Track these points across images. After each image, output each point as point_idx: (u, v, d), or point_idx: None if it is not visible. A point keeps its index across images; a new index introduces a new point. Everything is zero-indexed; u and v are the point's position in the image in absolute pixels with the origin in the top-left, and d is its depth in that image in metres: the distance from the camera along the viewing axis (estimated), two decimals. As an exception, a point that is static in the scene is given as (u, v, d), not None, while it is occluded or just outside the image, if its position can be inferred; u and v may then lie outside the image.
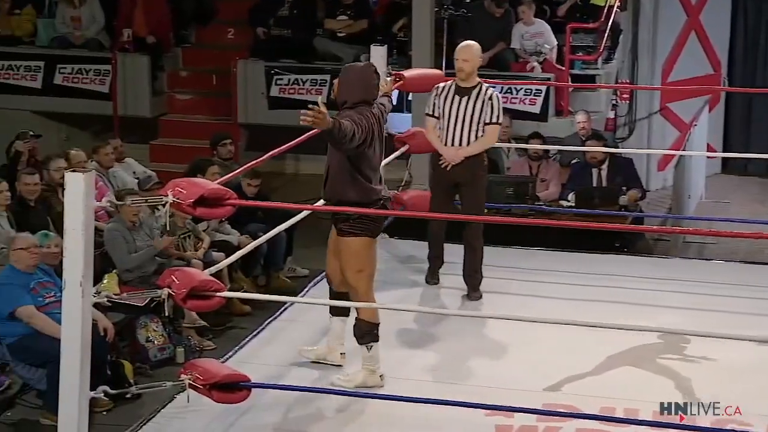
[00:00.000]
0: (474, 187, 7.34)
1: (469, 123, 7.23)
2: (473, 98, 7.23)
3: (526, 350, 6.38)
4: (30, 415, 7.59)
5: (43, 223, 8.79)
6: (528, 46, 11.98)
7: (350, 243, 5.83)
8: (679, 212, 10.77)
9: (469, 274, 7.37)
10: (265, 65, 12.50)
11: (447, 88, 7.33)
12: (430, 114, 7.40)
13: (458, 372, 6.13)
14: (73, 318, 4.83)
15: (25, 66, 12.87)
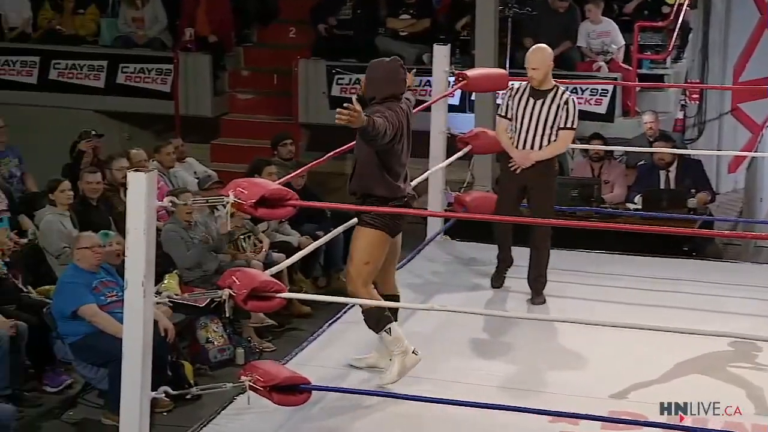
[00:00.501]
0: (543, 191, 7.26)
1: (543, 127, 7.13)
2: (548, 102, 7.11)
3: (590, 356, 6.33)
4: (92, 414, 7.70)
5: (105, 222, 8.92)
6: (594, 45, 11.92)
7: (366, 234, 5.83)
8: (751, 216, 10.65)
9: (534, 278, 7.31)
10: (326, 64, 12.56)
11: (521, 89, 7.21)
12: (503, 115, 7.31)
13: (520, 377, 6.11)
14: (135, 318, 4.89)
15: (88, 65, 13.05)
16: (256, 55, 13.58)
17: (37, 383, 8.07)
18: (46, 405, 7.90)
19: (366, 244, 5.83)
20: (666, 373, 6.12)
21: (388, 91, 5.87)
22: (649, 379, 6.04)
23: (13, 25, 13.32)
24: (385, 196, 5.82)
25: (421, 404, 5.48)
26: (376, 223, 5.80)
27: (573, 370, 6.21)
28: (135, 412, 4.89)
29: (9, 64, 13.18)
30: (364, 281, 5.86)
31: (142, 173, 4.89)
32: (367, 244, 5.83)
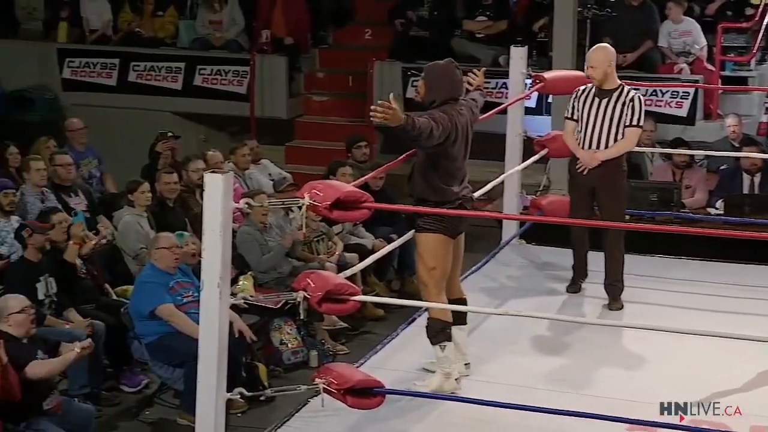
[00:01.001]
0: (612, 192, 7.25)
1: (608, 126, 7.16)
2: (614, 100, 7.15)
3: (667, 363, 6.27)
4: (167, 414, 7.79)
5: (181, 223, 9.03)
6: (675, 45, 11.80)
7: (424, 239, 5.85)
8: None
9: (610, 283, 7.28)
10: (401, 66, 12.57)
11: (587, 90, 7.27)
12: (569, 117, 7.35)
13: (594, 383, 6.08)
14: (211, 319, 4.95)
15: (166, 67, 13.21)
16: (331, 57, 13.65)
17: (115, 383, 8.17)
18: (123, 404, 8.00)
19: (429, 249, 5.85)
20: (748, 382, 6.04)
21: (446, 94, 5.87)
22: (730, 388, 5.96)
23: (93, 28, 13.51)
24: (437, 200, 5.83)
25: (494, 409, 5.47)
26: (434, 227, 5.81)
27: (648, 376, 6.17)
28: (210, 413, 4.95)
29: (89, 66, 13.38)
30: (436, 287, 5.89)
31: (219, 175, 4.93)
32: (429, 250, 5.85)
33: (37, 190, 9.32)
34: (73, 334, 7.66)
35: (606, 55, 7.20)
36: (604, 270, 7.31)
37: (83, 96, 13.22)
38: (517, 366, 6.21)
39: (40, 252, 7.93)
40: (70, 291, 8.08)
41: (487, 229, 9.15)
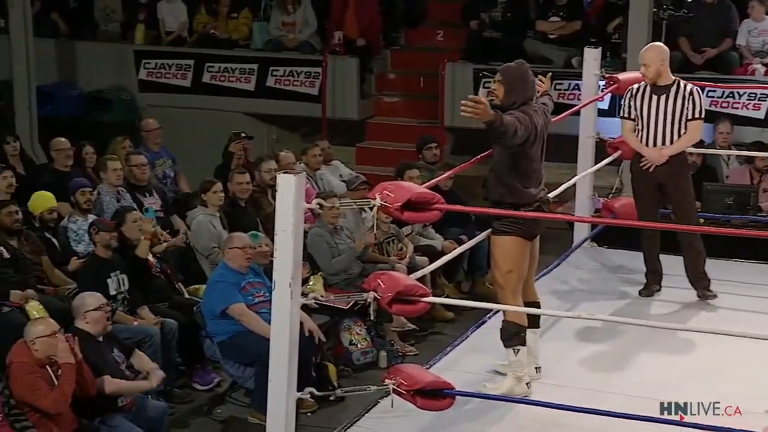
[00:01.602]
0: (680, 186, 7.28)
1: (671, 121, 7.17)
2: (672, 96, 7.16)
3: (744, 368, 6.18)
4: (238, 412, 7.84)
5: (253, 223, 9.09)
6: (754, 44, 11.63)
7: (501, 242, 5.82)
8: None
9: (695, 276, 7.33)
10: (473, 68, 12.53)
11: (641, 88, 7.27)
12: (626, 117, 7.35)
13: (671, 388, 5.97)
14: (282, 318, 4.97)
15: (240, 68, 13.30)
16: (402, 58, 13.66)
17: (188, 380, 8.26)
18: (195, 402, 8.07)
19: (506, 252, 5.82)
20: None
21: (523, 94, 5.84)
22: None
23: (169, 30, 13.66)
24: (515, 203, 5.81)
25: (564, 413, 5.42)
26: (511, 229, 5.79)
27: (725, 381, 6.05)
28: (281, 412, 4.96)
29: (165, 67, 13.53)
30: (512, 291, 5.86)
31: (292, 176, 4.94)
32: (508, 252, 5.82)
33: (113, 189, 9.44)
34: (146, 332, 7.77)
35: (658, 53, 7.23)
36: (685, 265, 7.32)
37: (158, 97, 13.38)
38: (589, 370, 6.16)
39: (109, 249, 8.03)
40: (144, 288, 8.18)
41: (558, 231, 9.10)
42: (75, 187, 9.01)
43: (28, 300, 7.70)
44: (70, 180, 9.26)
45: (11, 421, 6.28)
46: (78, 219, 8.84)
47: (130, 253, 8.21)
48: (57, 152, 10.09)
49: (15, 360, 6.47)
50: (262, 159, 10.25)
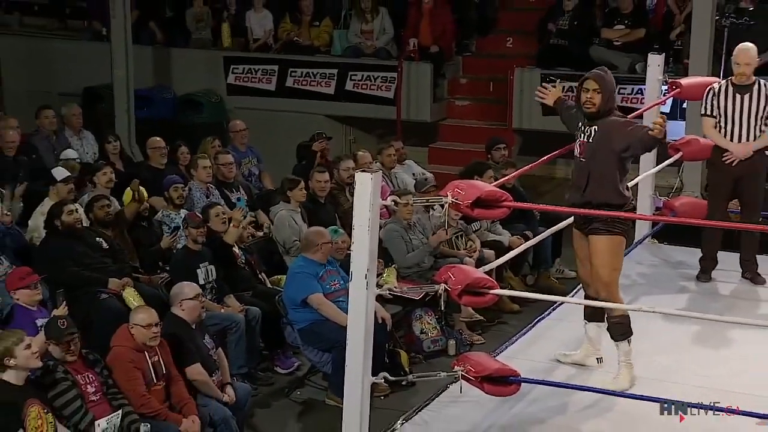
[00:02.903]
0: (756, 179, 7.34)
1: (755, 118, 7.15)
2: (755, 95, 7.14)
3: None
4: (316, 395, 7.90)
5: (331, 219, 9.13)
6: None
7: (607, 242, 5.71)
8: None
9: (746, 262, 7.38)
10: (541, 73, 12.43)
11: (723, 88, 7.23)
12: (708, 114, 7.28)
13: (726, 378, 5.88)
14: (359, 308, 4.97)
15: (320, 73, 13.36)
16: (474, 64, 13.62)
17: (270, 364, 8.33)
18: (276, 384, 8.13)
19: (611, 251, 5.74)
20: None
21: (615, 101, 5.84)
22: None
23: (256, 37, 13.75)
24: (620, 203, 5.73)
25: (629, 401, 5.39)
26: (614, 229, 5.70)
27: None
28: (357, 395, 4.97)
29: (251, 72, 13.63)
30: (617, 288, 5.81)
31: (369, 174, 4.93)
32: (613, 251, 5.75)
33: (203, 185, 9.55)
34: (232, 319, 7.85)
35: (755, 53, 7.22)
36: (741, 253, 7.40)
37: (245, 100, 13.47)
38: (650, 361, 6.06)
39: (198, 243, 8.11)
40: (230, 278, 8.25)
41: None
42: (168, 183, 9.11)
43: (125, 287, 7.81)
44: (164, 177, 9.38)
45: (109, 398, 6.38)
46: (171, 213, 8.94)
47: (217, 245, 8.29)
48: (152, 151, 10.21)
49: (116, 344, 6.60)
50: (341, 158, 10.29)
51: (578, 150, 5.79)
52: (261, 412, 7.68)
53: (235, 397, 6.92)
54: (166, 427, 6.38)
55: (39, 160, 10.13)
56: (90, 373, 6.36)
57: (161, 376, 6.59)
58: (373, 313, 5.07)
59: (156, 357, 6.57)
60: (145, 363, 6.50)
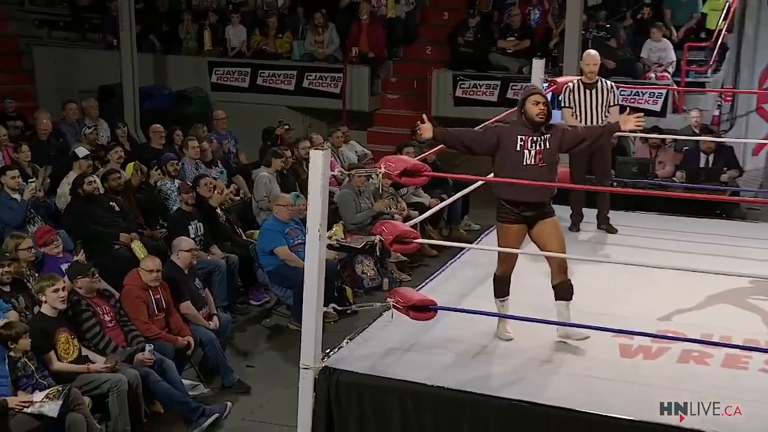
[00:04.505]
0: (605, 154, 7.35)
1: (600, 108, 7.17)
2: (599, 90, 7.17)
3: (645, 289, 6.12)
4: (282, 321, 7.87)
5: (293, 187, 9.05)
6: (653, 58, 11.53)
7: (557, 221, 5.34)
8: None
9: (602, 218, 7.39)
10: (452, 73, 12.43)
11: (576, 85, 7.25)
12: (567, 106, 7.30)
13: (591, 302, 5.92)
14: (313, 254, 4.91)
15: (283, 74, 13.15)
16: (401, 67, 13.50)
17: (246, 299, 8.27)
18: (251, 314, 8.10)
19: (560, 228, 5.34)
20: (700, 302, 5.90)
21: None
22: (688, 307, 5.85)
23: (233, 46, 13.52)
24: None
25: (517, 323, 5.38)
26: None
27: (631, 299, 6.01)
28: (312, 321, 4.93)
29: (230, 73, 13.36)
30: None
31: (320, 151, 4.89)
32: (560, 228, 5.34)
33: (193, 161, 9.40)
34: (216, 264, 7.76)
35: (598, 58, 7.30)
36: (598, 209, 7.38)
37: (225, 95, 13.22)
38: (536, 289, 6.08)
39: (189, 205, 7.99)
40: (214, 233, 8.16)
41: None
42: (166, 159, 8.97)
43: (133, 240, 7.68)
44: (163, 155, 9.21)
45: (121, 325, 6.30)
46: (167, 182, 8.79)
47: (204, 206, 8.19)
48: (153, 135, 10.05)
49: (127, 283, 6.51)
50: (299, 140, 10.19)
51: (534, 159, 5.15)
52: (239, 335, 7.63)
53: (219, 324, 6.86)
54: (165, 345, 6.31)
55: (65, 142, 9.98)
56: (106, 305, 6.28)
57: (162, 309, 6.51)
58: (324, 259, 5.02)
59: (158, 295, 6.49)
60: (149, 298, 6.42)
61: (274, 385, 6.65)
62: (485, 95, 12.17)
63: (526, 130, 5.18)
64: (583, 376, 4.98)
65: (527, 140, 5.15)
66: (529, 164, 5.17)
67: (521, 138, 5.17)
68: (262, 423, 6.26)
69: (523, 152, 5.16)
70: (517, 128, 5.22)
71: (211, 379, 6.73)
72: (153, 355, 6.04)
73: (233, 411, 6.34)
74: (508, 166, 5.17)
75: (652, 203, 8.00)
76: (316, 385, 4.90)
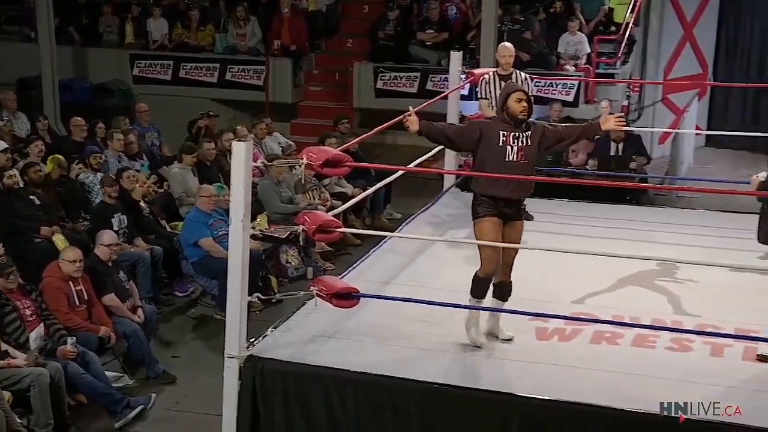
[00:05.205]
0: None
1: None
2: (514, 81, 7.17)
3: (560, 273, 6.22)
4: (207, 312, 7.76)
5: (216, 178, 8.92)
6: (569, 50, 11.76)
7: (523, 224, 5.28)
8: (674, 174, 10.50)
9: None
10: (373, 66, 12.42)
11: (491, 77, 7.27)
12: (484, 97, 7.33)
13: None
14: (237, 244, 4.86)
15: (206, 67, 12.96)
16: (323, 59, 13.42)
17: (170, 290, 8.13)
18: (176, 305, 7.97)
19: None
20: (611, 285, 6.02)
21: None
22: (600, 289, 5.97)
23: (155, 39, 13.27)
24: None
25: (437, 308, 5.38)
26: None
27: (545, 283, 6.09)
28: (237, 311, 4.88)
29: (152, 66, 13.12)
30: None
31: (242, 143, 4.82)
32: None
33: (116, 154, 9.19)
34: (140, 255, 7.61)
35: (513, 50, 7.29)
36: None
37: (148, 87, 12.94)
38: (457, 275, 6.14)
39: (112, 198, 7.81)
40: (138, 225, 8.00)
41: (433, 181, 9.08)
42: (89, 152, 8.77)
43: (54, 233, 7.48)
44: (85, 148, 8.98)
45: (43, 319, 6.12)
46: (90, 175, 8.57)
47: (128, 199, 8.01)
48: (74, 128, 9.80)
49: (47, 275, 6.34)
50: (223, 131, 10.05)
51: (516, 156, 5.05)
52: (164, 326, 7.50)
53: (144, 316, 6.73)
54: (88, 337, 6.17)
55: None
56: (27, 299, 6.11)
57: (83, 300, 6.36)
58: (248, 249, 4.96)
59: (79, 286, 6.34)
60: (69, 290, 6.27)
61: (200, 374, 6.56)
62: (406, 87, 12.21)
63: (508, 126, 5.07)
64: (500, 359, 5.05)
65: (509, 136, 5.05)
66: (511, 160, 5.05)
67: (503, 133, 5.05)
68: (187, 413, 6.18)
69: (505, 148, 5.05)
70: (498, 124, 5.10)
71: (135, 370, 6.61)
72: (75, 348, 5.89)
73: (159, 401, 6.25)
74: (490, 163, 5.03)
75: (566, 191, 8.13)
76: (241, 373, 4.85)
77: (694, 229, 7.14)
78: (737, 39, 12.48)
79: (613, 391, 4.60)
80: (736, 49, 12.48)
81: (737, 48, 12.48)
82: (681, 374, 4.81)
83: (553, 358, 5.01)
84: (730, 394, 4.58)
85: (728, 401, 4.41)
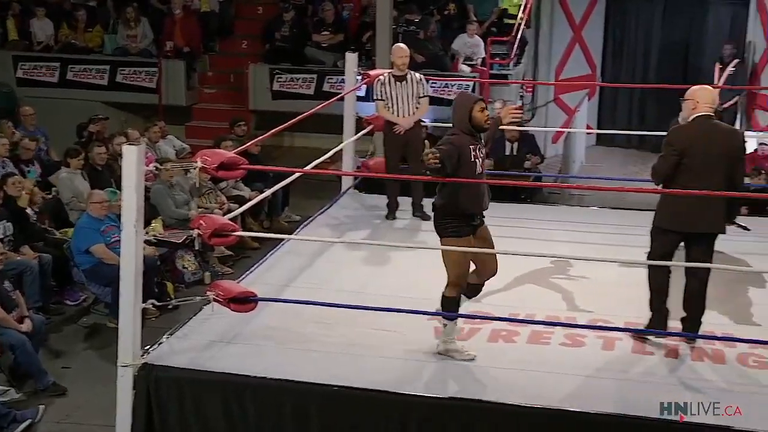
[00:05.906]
0: (418, 142, 7.47)
1: (410, 99, 7.32)
2: (408, 82, 7.30)
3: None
4: (100, 320, 7.55)
5: (108, 183, 8.67)
6: (466, 52, 11.97)
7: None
8: (567, 173, 10.77)
9: (417, 206, 7.50)
10: (269, 67, 12.34)
11: (387, 78, 7.35)
12: (379, 98, 7.39)
13: (408, 288, 6.08)
14: (130, 250, 4.78)
15: (95, 69, 12.63)
16: (218, 61, 13.23)
17: (60, 299, 7.87)
18: (67, 314, 7.71)
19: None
20: (508, 283, 6.11)
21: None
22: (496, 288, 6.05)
23: (39, 40, 12.85)
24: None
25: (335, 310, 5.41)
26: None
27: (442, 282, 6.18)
28: (130, 318, 4.80)
29: (37, 68, 12.71)
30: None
31: (134, 147, 4.76)
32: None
33: (0, 159, 8.83)
34: (27, 264, 7.35)
35: (407, 51, 7.39)
36: (412, 197, 7.50)
37: (33, 90, 12.53)
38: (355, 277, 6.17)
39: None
40: (24, 232, 7.72)
41: (331, 183, 9.09)
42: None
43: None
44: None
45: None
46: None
47: (13, 206, 7.72)
48: (-49, 133, 9.36)
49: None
50: (114, 135, 9.79)
51: (481, 167, 5.02)
52: (55, 336, 7.24)
53: (32, 326, 6.49)
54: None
55: None
56: None
57: (-35, 314, 6.07)
58: (141, 254, 4.87)
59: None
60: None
61: (93, 385, 6.38)
62: (302, 89, 12.18)
63: (471, 139, 4.95)
64: (399, 359, 5.10)
65: (476, 149, 4.96)
66: (479, 173, 4.99)
67: (471, 148, 4.94)
68: (79, 425, 6.00)
69: (475, 162, 4.96)
70: (463, 138, 4.95)
71: (23, 383, 6.38)
72: None
73: (49, 414, 6.05)
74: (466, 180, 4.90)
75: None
76: (135, 382, 4.76)
77: (587, 227, 7.35)
78: (623, 41, 12.95)
79: (512, 388, 4.72)
80: (622, 51, 12.96)
81: (623, 50, 12.96)
82: (575, 369, 4.97)
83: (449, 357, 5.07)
84: (614, 386, 4.73)
85: (610, 394, 4.57)
